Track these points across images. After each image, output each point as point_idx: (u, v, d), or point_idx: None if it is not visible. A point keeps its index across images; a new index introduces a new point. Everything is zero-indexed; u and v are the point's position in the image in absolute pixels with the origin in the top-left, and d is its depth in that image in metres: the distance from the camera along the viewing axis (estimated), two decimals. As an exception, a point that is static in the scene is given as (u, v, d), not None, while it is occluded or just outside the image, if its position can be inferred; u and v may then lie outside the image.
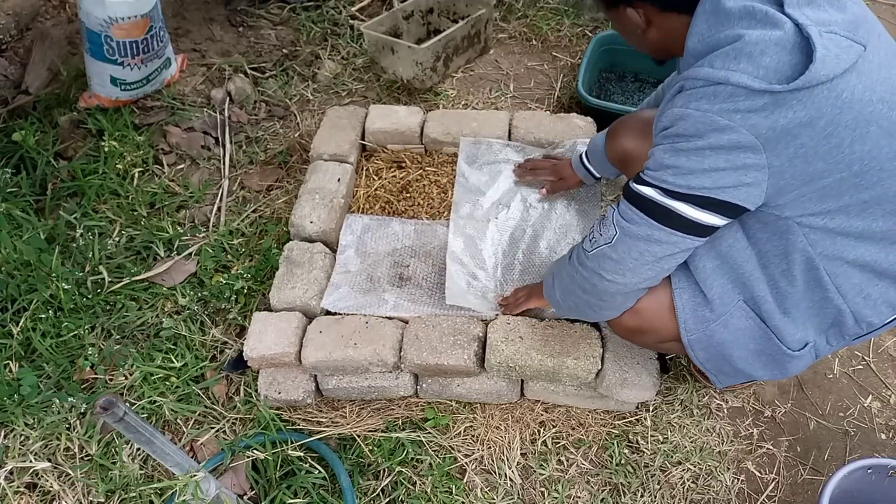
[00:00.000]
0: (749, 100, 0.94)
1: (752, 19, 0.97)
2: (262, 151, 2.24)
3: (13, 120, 2.23)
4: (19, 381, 1.63)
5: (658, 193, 1.05)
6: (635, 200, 1.09)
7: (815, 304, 1.15)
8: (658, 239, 1.08)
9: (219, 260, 1.90)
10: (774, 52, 0.93)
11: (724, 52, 0.97)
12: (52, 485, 1.49)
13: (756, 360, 1.23)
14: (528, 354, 1.47)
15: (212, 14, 2.77)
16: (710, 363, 1.26)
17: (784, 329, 1.17)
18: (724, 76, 0.95)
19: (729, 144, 0.97)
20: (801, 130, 0.95)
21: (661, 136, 1.06)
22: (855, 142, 0.96)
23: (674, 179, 1.03)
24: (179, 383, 1.64)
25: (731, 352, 1.22)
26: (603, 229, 1.15)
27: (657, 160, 1.06)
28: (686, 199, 1.03)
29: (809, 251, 1.09)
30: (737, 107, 0.95)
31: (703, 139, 0.98)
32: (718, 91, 0.96)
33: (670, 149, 1.03)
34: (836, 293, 1.12)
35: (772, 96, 0.93)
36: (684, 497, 1.49)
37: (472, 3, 2.48)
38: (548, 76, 2.51)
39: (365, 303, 1.64)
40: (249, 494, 1.47)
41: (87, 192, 2.03)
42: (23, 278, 1.80)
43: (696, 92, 0.99)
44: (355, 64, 2.56)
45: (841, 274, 1.11)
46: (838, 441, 1.60)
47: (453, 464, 1.53)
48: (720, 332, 1.20)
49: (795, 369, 1.23)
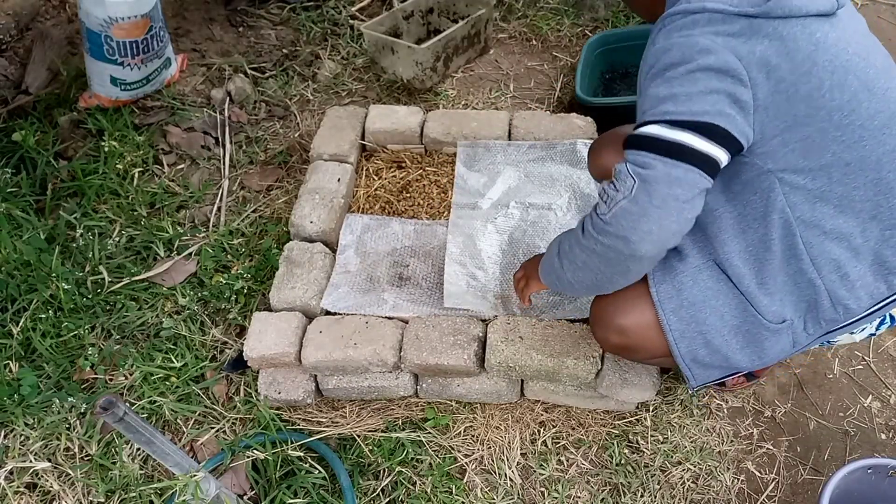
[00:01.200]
0: (726, 24, 1.01)
1: None
2: (262, 151, 2.24)
3: (13, 120, 2.23)
4: (19, 381, 1.63)
5: (663, 128, 1.02)
6: (643, 143, 1.04)
7: (791, 277, 1.13)
8: (677, 177, 1.02)
9: (219, 260, 1.90)
10: None
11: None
12: (52, 485, 1.49)
13: (733, 338, 1.18)
14: (528, 354, 1.47)
15: (212, 14, 2.78)
16: (684, 341, 1.19)
17: (759, 298, 1.14)
18: (699, 5, 1.02)
19: (717, 65, 1.00)
20: (780, 61, 1.00)
21: (650, 75, 1.07)
22: (834, 88, 1.01)
23: (675, 108, 1.02)
24: (179, 383, 1.64)
25: (704, 317, 1.17)
26: (618, 184, 1.06)
27: (652, 97, 1.06)
28: (690, 127, 1.01)
29: (788, 213, 1.09)
30: (717, 30, 1.01)
31: (693, 62, 1.02)
32: (697, 19, 1.03)
33: (662, 81, 1.05)
34: (811, 265, 1.11)
35: (747, 21, 1.00)
36: (684, 497, 1.49)
37: (472, 3, 2.49)
38: (548, 76, 2.51)
39: (364, 303, 1.64)
40: (249, 494, 1.47)
41: (87, 192, 2.03)
42: (23, 278, 1.81)
43: (675, 24, 1.05)
44: (355, 64, 2.56)
45: (817, 244, 1.10)
46: (838, 441, 1.60)
47: (453, 464, 1.53)
48: (689, 288, 1.17)
49: (773, 351, 1.18)
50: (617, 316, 1.25)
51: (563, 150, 1.95)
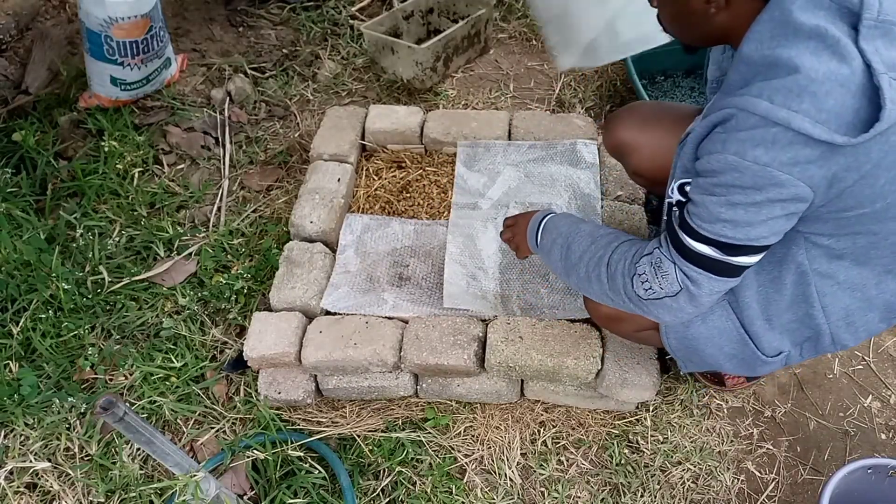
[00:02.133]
0: (807, 148, 0.89)
1: (821, 43, 0.88)
2: (262, 151, 2.24)
3: (13, 120, 2.23)
4: (19, 381, 1.63)
5: (717, 252, 1.01)
6: (694, 260, 1.04)
7: (798, 318, 1.16)
8: (719, 290, 1.07)
9: (219, 260, 1.90)
10: (839, 95, 0.87)
11: (785, 86, 0.89)
12: (52, 485, 1.49)
13: (727, 361, 1.24)
14: (527, 354, 1.47)
15: (212, 14, 2.78)
16: (681, 352, 1.27)
17: (762, 336, 1.18)
18: (784, 117, 0.87)
19: (787, 197, 0.94)
20: (847, 174, 0.92)
21: (712, 183, 0.98)
22: (888, 182, 0.94)
23: (733, 234, 0.98)
24: (179, 383, 1.64)
25: (703, 348, 1.22)
26: (663, 283, 1.07)
27: (711, 213, 0.99)
28: (744, 251, 1.01)
29: (806, 265, 1.10)
30: (796, 158, 0.89)
31: (763, 193, 0.94)
32: (777, 138, 0.89)
33: (726, 202, 0.97)
34: (821, 311, 1.13)
35: (829, 146, 0.88)
36: (684, 497, 1.49)
37: (472, 3, 2.49)
38: (548, 76, 2.51)
39: (364, 303, 1.64)
40: (249, 494, 1.47)
41: (87, 192, 2.03)
42: (23, 278, 1.81)
43: (751, 136, 0.91)
44: (355, 64, 2.56)
45: (830, 294, 1.12)
46: (838, 441, 1.60)
47: (453, 464, 1.53)
48: (697, 327, 1.20)
49: (763, 372, 1.25)
50: None
51: (563, 150, 1.95)
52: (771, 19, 0.94)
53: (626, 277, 1.12)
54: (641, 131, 1.47)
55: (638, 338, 1.42)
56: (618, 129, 1.52)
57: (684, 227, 1.04)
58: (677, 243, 1.05)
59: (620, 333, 1.42)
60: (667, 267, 1.06)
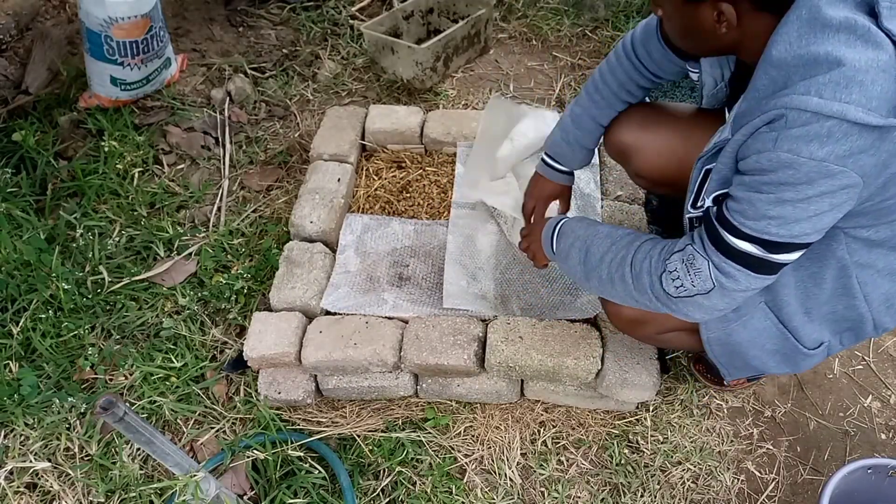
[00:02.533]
0: (861, 139, 0.88)
1: (853, 34, 0.89)
2: (262, 151, 2.24)
3: (13, 120, 2.23)
4: (19, 381, 1.63)
5: (759, 249, 0.99)
6: (735, 256, 1.02)
7: (839, 309, 1.16)
8: (753, 287, 1.05)
9: (219, 260, 1.90)
10: (883, 81, 0.87)
11: (832, 80, 0.88)
12: (52, 485, 1.49)
13: (770, 359, 1.24)
14: (528, 354, 1.47)
15: (212, 14, 2.78)
16: (724, 358, 1.27)
17: (802, 329, 1.18)
18: (839, 110, 0.86)
19: (837, 188, 0.92)
20: (893, 159, 0.92)
21: (760, 181, 0.95)
22: None
23: (777, 230, 0.97)
24: (179, 383, 1.64)
25: (747, 351, 1.23)
26: (696, 280, 1.05)
27: (758, 210, 0.96)
28: (787, 248, 0.99)
29: (846, 259, 1.10)
30: (851, 149, 0.88)
31: (814, 187, 0.92)
32: (833, 130, 0.87)
33: (774, 199, 0.94)
34: (863, 301, 1.13)
35: (879, 131, 0.88)
36: (684, 497, 1.49)
37: (472, 3, 2.49)
38: (548, 76, 2.51)
39: (364, 303, 1.64)
40: (249, 494, 1.47)
41: (87, 192, 2.03)
42: (23, 278, 1.81)
43: (805, 132, 0.89)
44: (355, 64, 2.56)
45: (870, 282, 1.12)
46: (838, 441, 1.60)
47: (453, 464, 1.53)
48: (739, 332, 1.21)
49: (807, 366, 1.24)
50: None
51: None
52: (798, 19, 0.93)
53: (653, 276, 1.10)
54: (643, 132, 1.45)
55: (660, 340, 1.40)
56: (619, 131, 1.49)
57: (725, 224, 1.01)
58: (716, 240, 1.03)
59: (643, 337, 1.40)
60: (700, 264, 1.04)
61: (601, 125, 1.47)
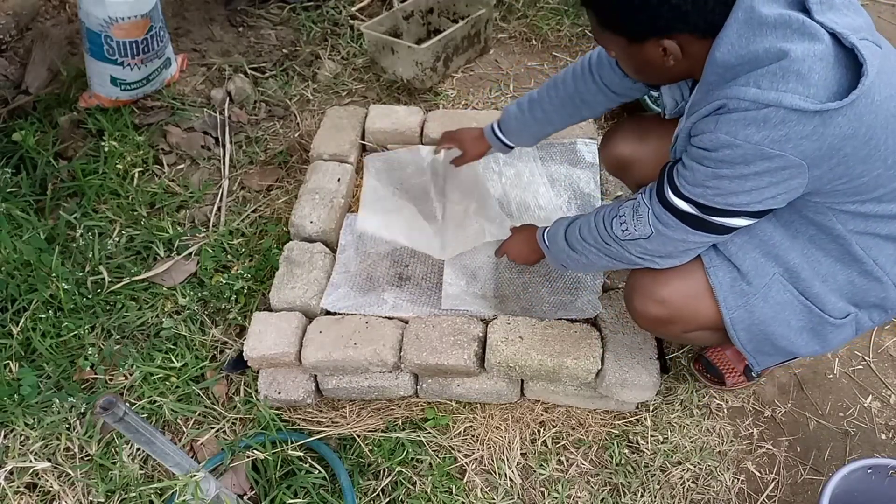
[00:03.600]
0: (800, 124, 0.92)
1: (788, 29, 0.94)
2: (262, 151, 2.24)
3: (13, 120, 2.23)
4: (19, 381, 1.63)
5: (696, 209, 1.07)
6: (672, 210, 1.10)
7: (855, 277, 1.15)
8: (693, 240, 1.13)
9: (219, 260, 1.90)
10: (821, 69, 0.91)
11: (770, 71, 0.93)
12: (52, 485, 1.49)
13: (798, 337, 1.22)
14: (528, 354, 1.47)
15: (212, 14, 2.78)
16: (751, 344, 1.25)
17: (824, 297, 1.17)
18: (775, 98, 0.92)
19: (775, 168, 0.97)
20: (844, 143, 0.95)
21: (702, 155, 1.02)
22: (889, 138, 0.97)
23: (713, 198, 1.04)
24: (179, 383, 1.64)
25: (773, 329, 1.21)
26: (637, 224, 1.16)
27: (696, 178, 1.04)
28: (725, 214, 1.05)
29: (839, 228, 1.10)
30: (788, 134, 0.93)
31: (750, 167, 0.97)
32: (769, 116, 0.93)
33: (712, 173, 1.01)
34: (874, 265, 1.13)
35: (821, 117, 0.92)
36: (684, 497, 1.49)
37: (472, 3, 2.49)
38: (548, 76, 2.51)
39: (364, 303, 1.64)
40: (249, 494, 1.47)
41: (87, 192, 2.03)
42: (23, 278, 1.80)
43: (743, 117, 0.95)
44: (355, 64, 2.56)
45: (874, 247, 1.12)
46: (838, 441, 1.60)
47: (453, 464, 1.53)
48: (761, 308, 1.19)
49: (837, 341, 1.22)
50: (657, 286, 1.25)
51: (562, 149, 1.95)
52: (736, 21, 0.98)
53: (607, 221, 1.22)
54: (641, 144, 1.47)
55: (685, 339, 1.44)
56: (615, 145, 1.52)
57: (670, 181, 1.10)
58: (660, 192, 1.12)
59: (667, 335, 1.44)
60: (643, 211, 1.14)
61: (551, 122, 1.54)
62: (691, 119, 1.05)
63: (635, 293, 1.30)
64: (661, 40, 1.03)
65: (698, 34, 1.02)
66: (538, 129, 1.58)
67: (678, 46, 1.04)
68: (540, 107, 1.53)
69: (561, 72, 1.51)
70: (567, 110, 1.51)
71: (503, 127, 1.63)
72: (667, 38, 1.03)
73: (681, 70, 1.10)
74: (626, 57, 1.14)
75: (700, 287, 1.21)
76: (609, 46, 1.16)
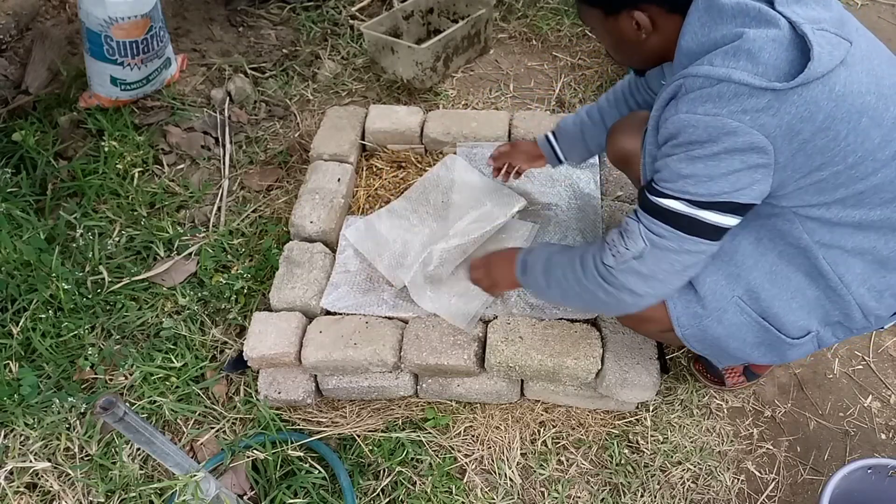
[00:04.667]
0: (753, 98, 0.95)
1: (746, 16, 0.98)
2: (262, 151, 2.24)
3: (13, 120, 2.23)
4: (19, 381, 1.63)
5: (683, 205, 1.05)
6: (660, 214, 1.08)
7: (821, 294, 1.15)
8: (688, 249, 1.08)
9: (219, 260, 1.90)
10: (772, 49, 0.95)
11: (723, 51, 0.98)
12: (52, 485, 1.49)
13: (754, 350, 1.23)
14: (527, 354, 1.47)
15: (212, 14, 2.78)
16: (707, 351, 1.27)
17: (784, 317, 1.17)
18: (725, 73, 0.96)
19: (743, 146, 0.98)
20: (802, 126, 0.97)
21: (671, 145, 1.04)
22: (850, 133, 0.99)
23: (695, 189, 1.03)
24: (179, 383, 1.64)
25: (727, 344, 1.23)
26: (629, 242, 1.11)
27: (673, 171, 1.04)
28: (710, 206, 1.04)
29: (805, 239, 1.11)
30: (744, 107, 0.95)
31: (718, 143, 0.98)
32: (723, 91, 0.96)
33: (685, 157, 1.02)
34: (839, 282, 1.13)
35: (774, 94, 0.95)
36: (684, 497, 1.49)
37: (472, 3, 2.49)
38: (548, 76, 2.51)
39: (364, 302, 1.64)
40: (249, 494, 1.47)
41: (87, 192, 2.03)
42: (23, 278, 1.80)
43: (699, 94, 0.98)
44: (355, 64, 2.56)
45: (841, 263, 1.12)
46: (838, 441, 1.60)
47: (453, 464, 1.53)
48: (714, 328, 1.21)
49: (795, 356, 1.24)
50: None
51: None
52: (697, 9, 1.02)
53: (595, 256, 1.17)
54: None
55: (664, 338, 1.44)
56: (620, 138, 1.53)
57: (651, 189, 1.09)
58: (644, 203, 1.11)
59: (647, 334, 1.44)
60: (632, 227, 1.11)
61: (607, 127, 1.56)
62: (657, 109, 1.08)
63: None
64: (633, 12, 1.08)
65: (666, 7, 1.07)
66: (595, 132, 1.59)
67: (648, 20, 1.08)
68: (597, 112, 1.58)
69: (616, 85, 1.57)
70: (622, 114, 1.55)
71: (559, 136, 1.65)
72: (637, 9, 1.08)
73: (655, 47, 1.13)
74: (603, 32, 1.17)
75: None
76: (589, 22, 1.19)
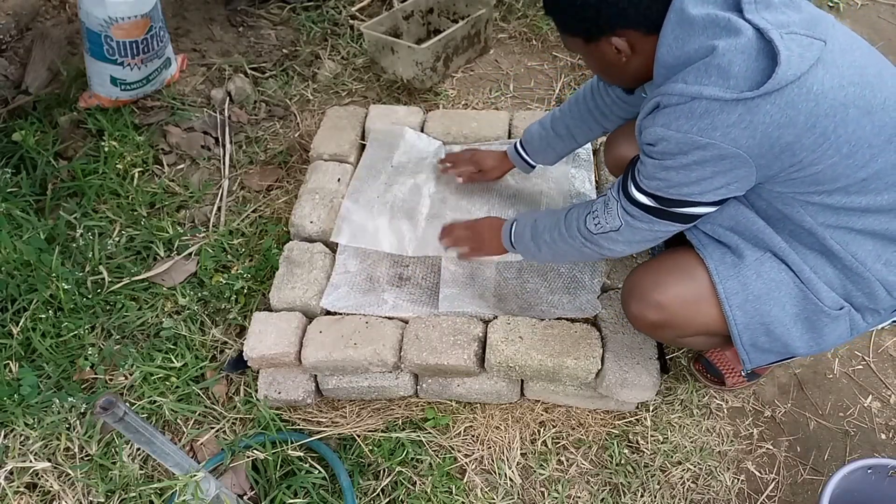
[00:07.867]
0: (724, 113, 0.98)
1: (716, 27, 1.00)
2: (262, 151, 2.24)
3: (13, 120, 2.23)
4: (19, 381, 1.63)
5: (654, 202, 1.15)
6: (635, 203, 1.18)
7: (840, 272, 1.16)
8: (660, 229, 1.20)
9: (219, 260, 1.90)
10: (741, 61, 0.97)
11: (696, 67, 1.00)
12: (52, 485, 1.49)
13: (794, 326, 1.20)
14: (528, 354, 1.47)
15: (212, 14, 2.78)
16: (747, 332, 1.21)
17: (816, 284, 1.17)
18: (696, 91, 0.99)
19: (713, 158, 1.03)
20: (781, 132, 0.99)
21: (648, 150, 1.11)
22: (838, 126, 1.00)
23: (667, 190, 1.11)
24: (179, 383, 1.64)
25: (768, 309, 1.19)
26: (608, 218, 1.23)
27: (649, 171, 1.12)
28: (682, 204, 1.12)
29: (809, 221, 1.12)
30: (714, 123, 0.99)
31: (689, 156, 1.04)
32: (694, 108, 1.00)
33: (659, 165, 1.09)
34: (854, 260, 1.13)
35: (745, 105, 0.97)
36: (684, 497, 1.49)
37: (472, 3, 2.49)
38: (548, 76, 2.52)
39: (364, 302, 1.64)
40: (249, 494, 1.47)
41: (87, 192, 2.03)
42: (23, 278, 1.80)
43: (673, 110, 1.02)
44: (355, 64, 2.56)
45: (851, 241, 1.13)
46: (838, 441, 1.60)
47: (453, 464, 1.53)
48: (754, 282, 1.18)
49: (832, 337, 1.20)
50: (655, 291, 1.26)
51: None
52: (669, 23, 1.05)
53: (579, 219, 1.31)
54: None
55: (681, 342, 1.47)
56: (619, 146, 1.56)
57: (633, 176, 1.17)
58: (625, 187, 1.20)
59: (664, 339, 1.47)
60: (612, 205, 1.23)
61: (574, 137, 1.62)
62: (640, 118, 1.12)
63: (633, 297, 1.31)
64: (611, 38, 1.11)
65: (642, 30, 1.09)
66: (562, 145, 1.66)
67: (627, 44, 1.11)
68: (562, 123, 1.61)
69: (580, 88, 1.59)
70: (587, 124, 1.58)
71: (527, 146, 1.71)
72: (615, 35, 1.11)
73: (638, 68, 1.16)
74: (588, 58, 1.22)
75: (697, 292, 1.23)
76: (573, 49, 1.23)
